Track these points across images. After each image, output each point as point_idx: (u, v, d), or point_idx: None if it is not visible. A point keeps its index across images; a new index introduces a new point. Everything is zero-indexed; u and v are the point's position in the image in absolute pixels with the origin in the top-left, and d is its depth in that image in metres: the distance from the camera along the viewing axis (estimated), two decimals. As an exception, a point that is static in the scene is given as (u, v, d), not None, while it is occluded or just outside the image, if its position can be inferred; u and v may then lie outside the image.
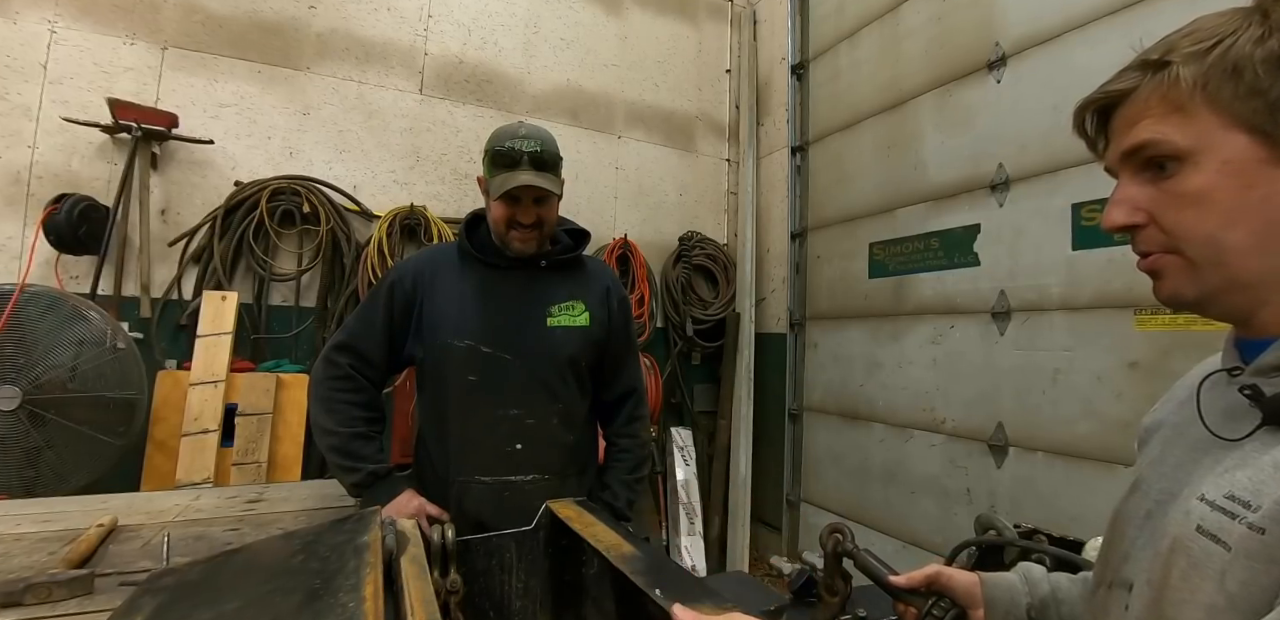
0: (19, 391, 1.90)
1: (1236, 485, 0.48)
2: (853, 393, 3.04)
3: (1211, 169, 0.50)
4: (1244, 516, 0.46)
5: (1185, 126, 0.51)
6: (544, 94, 3.40)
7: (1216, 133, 0.50)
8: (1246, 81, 0.48)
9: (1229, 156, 0.49)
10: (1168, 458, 0.60)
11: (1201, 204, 0.50)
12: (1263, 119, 0.48)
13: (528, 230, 1.44)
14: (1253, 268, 0.50)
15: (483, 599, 1.08)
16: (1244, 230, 0.49)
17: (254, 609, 0.69)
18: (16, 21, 2.34)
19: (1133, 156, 0.54)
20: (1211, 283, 0.52)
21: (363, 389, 1.45)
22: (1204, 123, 0.50)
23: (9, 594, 0.93)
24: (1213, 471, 0.52)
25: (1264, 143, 0.48)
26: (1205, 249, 0.51)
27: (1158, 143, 0.52)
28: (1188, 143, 0.51)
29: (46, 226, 2.22)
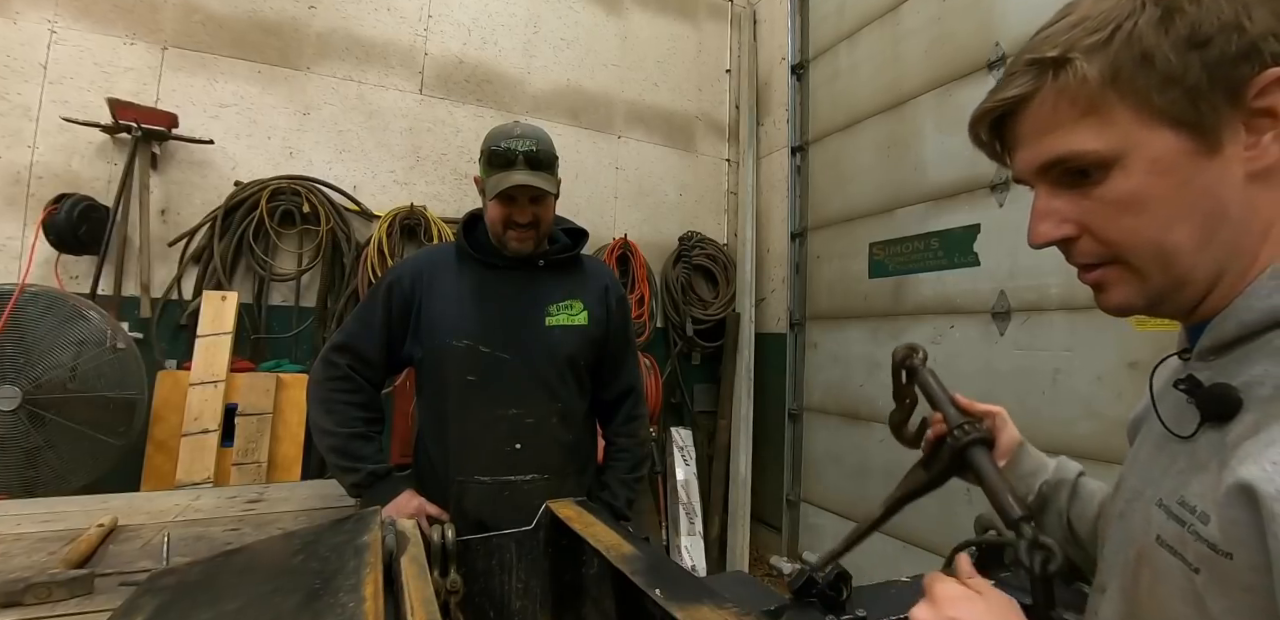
0: (19, 391, 1.90)
1: (1190, 490, 0.46)
2: (853, 393, 3.04)
3: (1141, 170, 0.46)
4: (1193, 525, 0.44)
5: (1103, 130, 0.47)
6: (544, 94, 3.40)
7: (1139, 131, 0.46)
8: (1159, 70, 0.44)
9: (1157, 155, 0.46)
10: (1140, 454, 0.58)
11: (1138, 209, 0.47)
12: (1183, 108, 0.44)
13: (524, 230, 1.44)
14: (1197, 264, 0.47)
15: (483, 599, 1.08)
16: (1185, 229, 0.46)
17: (254, 609, 0.69)
18: (16, 21, 2.34)
19: (1051, 169, 0.50)
20: (1159, 287, 0.49)
21: (361, 389, 1.46)
22: (1123, 122, 0.46)
23: (9, 594, 0.93)
24: (1168, 472, 0.50)
25: (1190, 134, 0.45)
26: (1149, 255, 0.48)
27: (1079, 155, 0.48)
28: (1111, 148, 0.47)
29: (46, 226, 2.22)
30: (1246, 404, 0.44)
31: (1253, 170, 0.45)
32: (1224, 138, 0.45)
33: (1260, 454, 0.40)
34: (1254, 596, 0.40)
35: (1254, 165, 0.44)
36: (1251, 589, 0.40)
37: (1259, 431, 0.42)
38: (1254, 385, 0.44)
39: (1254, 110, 0.44)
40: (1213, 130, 0.45)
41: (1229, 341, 0.48)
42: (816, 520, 3.23)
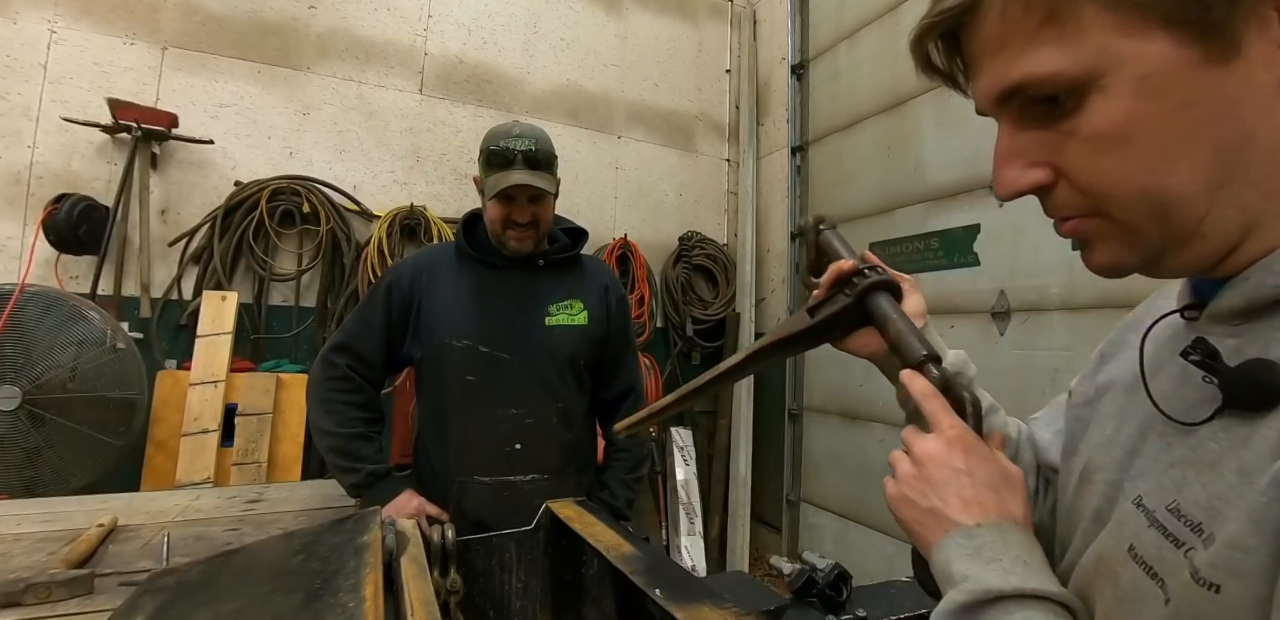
0: (19, 391, 1.90)
1: (1186, 494, 0.35)
2: (853, 393, 3.04)
3: (1126, 92, 0.34)
4: (1191, 546, 0.33)
5: (1069, 42, 0.35)
6: (544, 94, 3.40)
7: (1118, 40, 0.34)
8: None
9: (1147, 70, 0.34)
10: (1119, 437, 0.47)
11: (1123, 145, 0.35)
12: (1176, 3, 0.32)
13: (524, 229, 1.44)
14: (1210, 212, 0.35)
15: (483, 599, 1.08)
16: (1188, 168, 0.34)
17: (254, 609, 0.69)
18: (16, 21, 2.34)
19: (1011, 99, 0.39)
20: (1155, 241, 0.37)
21: (361, 389, 1.46)
22: (1096, 29, 0.34)
23: (9, 594, 0.93)
24: (1157, 463, 0.40)
25: (1192, 36, 0.33)
26: (1139, 206, 0.36)
27: (1040, 79, 0.36)
28: (1082, 65, 0.35)
29: (46, 226, 2.22)
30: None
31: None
32: (1243, 36, 0.32)
33: None
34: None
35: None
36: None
37: None
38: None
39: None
40: (1225, 27, 0.32)
41: (1270, 301, 0.35)
42: (816, 520, 3.23)
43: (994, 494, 0.45)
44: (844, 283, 0.61)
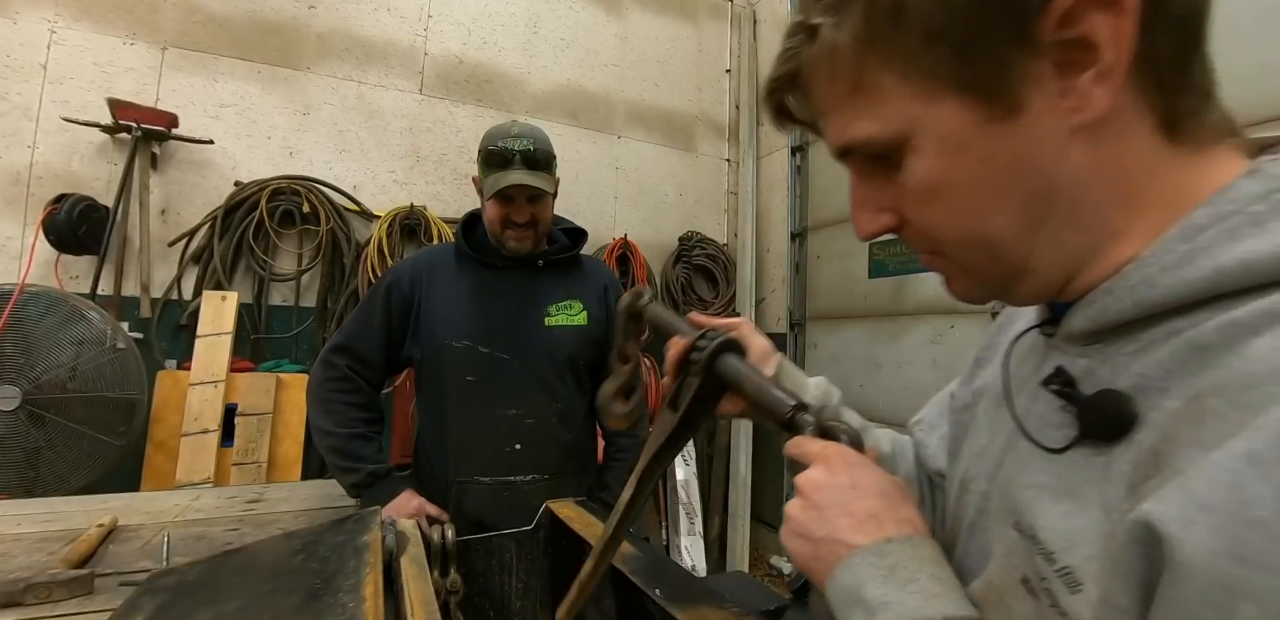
0: (19, 391, 1.90)
1: (1041, 520, 0.36)
2: (853, 393, 3.04)
3: (932, 152, 0.37)
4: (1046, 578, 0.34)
5: (877, 109, 0.38)
6: (544, 94, 3.40)
7: (915, 106, 0.37)
8: (916, 24, 0.35)
9: (944, 131, 0.36)
10: (991, 449, 0.46)
11: (939, 198, 0.38)
12: (958, 68, 0.35)
13: (523, 229, 1.44)
14: (1032, 251, 0.38)
15: (483, 599, 1.08)
16: (1002, 215, 0.37)
17: (254, 609, 0.69)
18: (16, 21, 2.34)
19: (849, 155, 0.42)
20: (994, 277, 0.40)
21: (361, 390, 1.46)
22: (895, 98, 0.37)
23: (9, 594, 0.93)
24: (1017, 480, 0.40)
25: (978, 99, 0.35)
26: (968, 249, 0.40)
27: (859, 144, 0.40)
28: (890, 130, 0.38)
29: (46, 226, 2.22)
30: (1144, 418, 0.33)
31: (1077, 124, 0.35)
32: (1024, 93, 0.35)
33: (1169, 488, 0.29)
34: None
35: (1078, 117, 0.34)
36: None
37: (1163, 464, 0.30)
38: (1152, 391, 0.33)
39: (1061, 45, 0.33)
40: (1004, 87, 0.35)
41: (1116, 324, 0.36)
42: (816, 520, 3.23)
43: (885, 501, 0.43)
44: (686, 361, 0.58)
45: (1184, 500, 0.28)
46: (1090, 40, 0.33)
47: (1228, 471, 0.27)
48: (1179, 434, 0.30)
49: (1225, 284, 0.31)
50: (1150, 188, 0.36)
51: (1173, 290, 0.33)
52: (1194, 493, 0.28)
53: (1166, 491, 0.29)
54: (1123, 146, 0.35)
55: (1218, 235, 0.32)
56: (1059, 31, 0.33)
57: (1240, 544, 0.26)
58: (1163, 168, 0.36)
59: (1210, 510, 0.27)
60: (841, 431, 0.49)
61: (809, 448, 0.48)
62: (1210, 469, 0.27)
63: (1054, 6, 0.32)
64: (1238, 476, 0.26)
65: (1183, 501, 0.28)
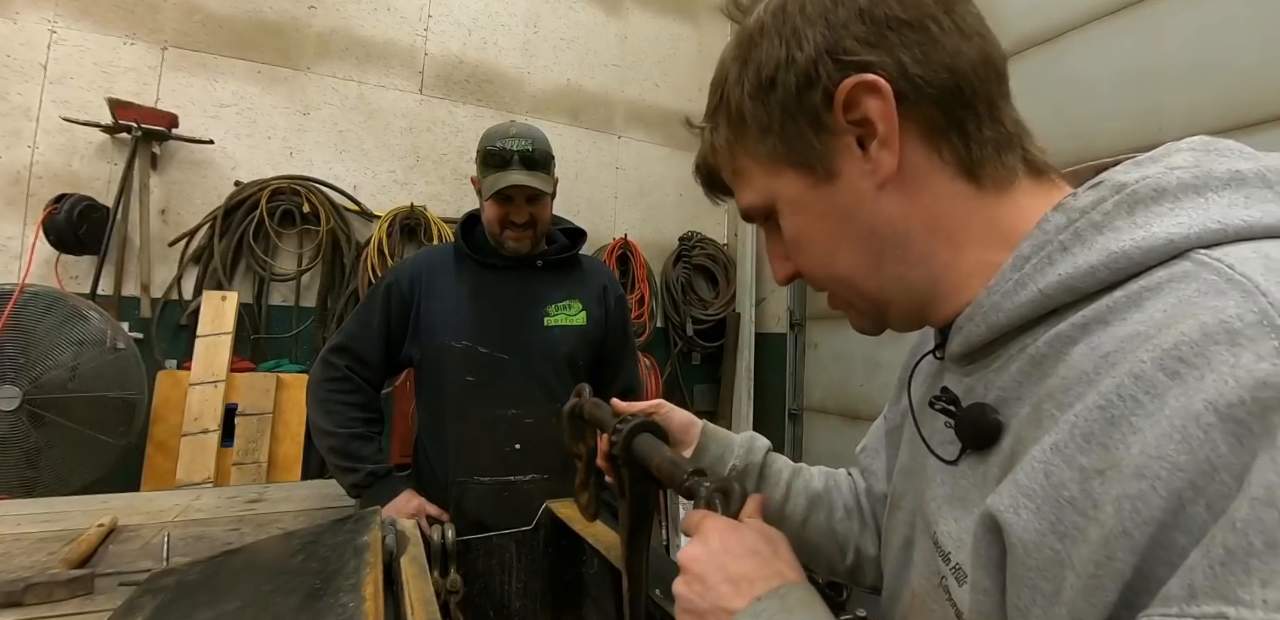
0: (19, 391, 1.90)
1: (942, 526, 0.41)
2: (853, 393, 3.04)
3: (788, 212, 0.48)
4: (945, 577, 0.38)
5: (748, 185, 0.50)
6: (544, 94, 3.40)
7: (770, 181, 0.48)
8: (752, 124, 0.46)
9: (790, 195, 0.47)
10: (913, 465, 0.52)
11: (802, 247, 0.49)
12: (785, 150, 0.46)
13: (521, 229, 1.44)
14: (881, 286, 0.47)
15: (483, 599, 1.08)
16: (847, 256, 0.46)
17: (254, 609, 0.69)
18: (16, 21, 2.34)
19: (753, 218, 0.53)
20: (866, 309, 0.50)
21: (360, 390, 1.46)
22: (756, 176, 0.49)
23: (9, 594, 0.93)
24: (924, 494, 0.45)
25: (803, 171, 0.46)
26: (834, 285, 0.49)
27: (746, 210, 0.51)
28: (760, 200, 0.49)
29: (46, 226, 2.22)
30: (1006, 426, 0.39)
31: (880, 181, 0.43)
32: (836, 162, 0.44)
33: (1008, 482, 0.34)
34: None
35: (878, 176, 0.43)
36: None
37: (1015, 460, 0.35)
38: (1010, 401, 0.39)
39: (852, 124, 0.43)
40: (820, 160, 0.45)
41: (980, 345, 0.43)
42: (816, 520, 3.23)
43: (757, 559, 0.45)
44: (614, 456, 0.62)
45: (1013, 490, 0.33)
46: (868, 118, 0.42)
47: (1041, 461, 0.32)
48: (1025, 435, 0.36)
49: (1050, 302, 0.37)
50: (966, 224, 0.43)
51: (1014, 312, 0.39)
52: (1019, 483, 0.32)
53: (1002, 485, 0.34)
54: (928, 194, 0.43)
55: (1038, 263, 0.38)
56: (846, 115, 0.43)
57: (1058, 522, 0.30)
58: (972, 207, 0.43)
59: (1031, 496, 0.32)
60: (724, 492, 0.50)
61: (687, 523, 0.51)
62: (1029, 461, 0.33)
63: (835, 101, 0.42)
64: (1048, 465, 0.31)
65: (1012, 491, 0.33)
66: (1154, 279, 0.33)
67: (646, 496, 0.63)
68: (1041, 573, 0.30)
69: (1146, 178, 0.36)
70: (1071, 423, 0.31)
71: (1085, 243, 0.36)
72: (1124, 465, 0.29)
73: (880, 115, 0.41)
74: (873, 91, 0.41)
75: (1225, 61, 1.68)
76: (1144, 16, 1.89)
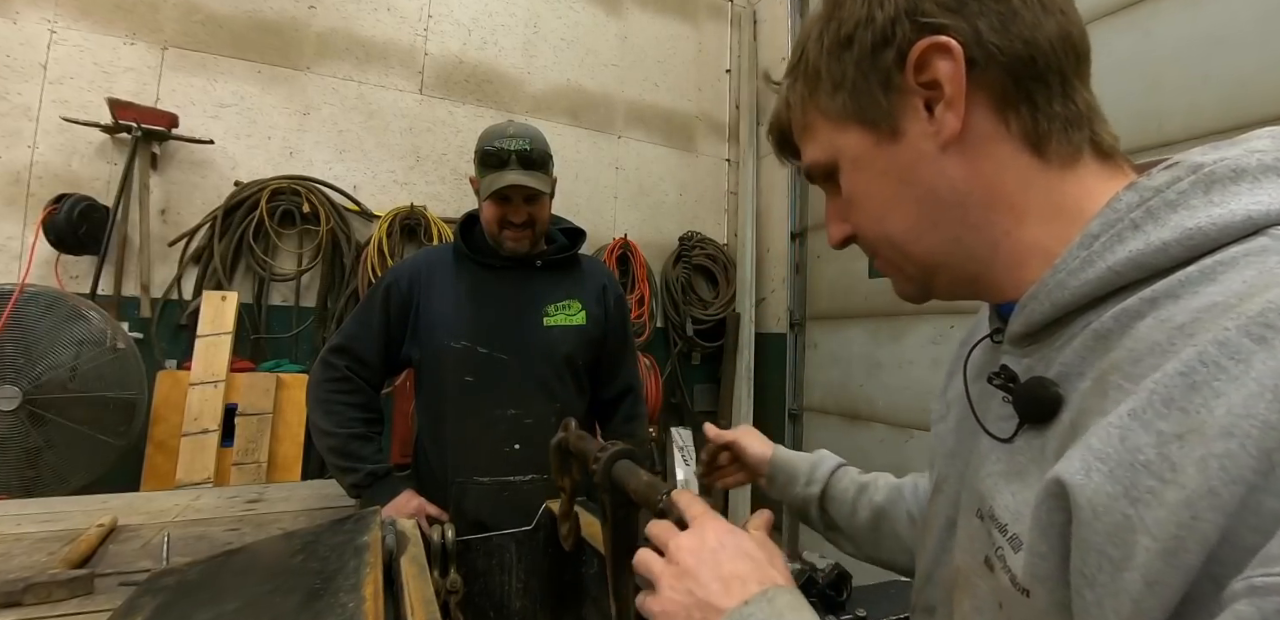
0: (19, 391, 1.90)
1: (999, 501, 0.41)
2: (853, 393, 3.04)
3: (849, 169, 0.49)
4: (1000, 547, 0.39)
5: (815, 143, 0.51)
6: (544, 94, 3.40)
7: (836, 137, 0.49)
8: (826, 80, 0.48)
9: (854, 153, 0.48)
10: (959, 450, 0.53)
11: (858, 205, 0.50)
12: (853, 107, 0.47)
13: (520, 229, 1.44)
14: (933, 248, 0.47)
15: (483, 599, 1.08)
16: (899, 216, 0.47)
17: (254, 609, 0.69)
18: (16, 21, 2.34)
19: (815, 178, 0.54)
20: (915, 273, 0.50)
21: (360, 390, 1.46)
22: (823, 133, 0.50)
23: (9, 594, 0.93)
24: (978, 474, 0.45)
25: (869, 128, 0.47)
26: (884, 246, 0.50)
27: (810, 168, 0.53)
28: (824, 156, 0.51)
29: (46, 226, 2.22)
30: (1066, 399, 0.39)
31: (942, 142, 0.44)
32: (902, 122, 0.45)
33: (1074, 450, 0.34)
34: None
35: (940, 138, 0.44)
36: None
37: (1077, 433, 0.36)
38: (1072, 376, 0.39)
39: (922, 85, 0.44)
40: (886, 118, 0.46)
41: (1043, 324, 0.42)
42: (816, 520, 3.23)
43: (751, 563, 0.45)
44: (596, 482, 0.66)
45: (1085, 455, 0.33)
46: (938, 80, 0.43)
47: (1116, 427, 0.32)
48: (1088, 407, 0.36)
49: (1118, 279, 0.37)
50: (1026, 196, 0.44)
51: (1079, 289, 0.39)
52: (1092, 447, 0.32)
53: (1071, 451, 0.34)
54: (990, 161, 0.44)
55: (1108, 240, 0.38)
56: (917, 76, 0.44)
57: (1131, 486, 0.30)
58: (1033, 179, 0.44)
59: (1105, 459, 0.31)
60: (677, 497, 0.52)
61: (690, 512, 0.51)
62: (1103, 427, 0.33)
63: (908, 61, 0.43)
64: (1124, 430, 0.31)
65: (1084, 456, 0.33)
66: (1229, 254, 0.33)
67: (629, 521, 0.65)
68: (1110, 538, 0.30)
69: (1225, 159, 0.36)
70: (1150, 390, 0.31)
71: (1158, 220, 0.36)
72: (1207, 427, 0.28)
73: (949, 77, 0.42)
74: (944, 53, 0.42)
75: (1225, 62, 1.68)
76: (1144, 16, 1.89)
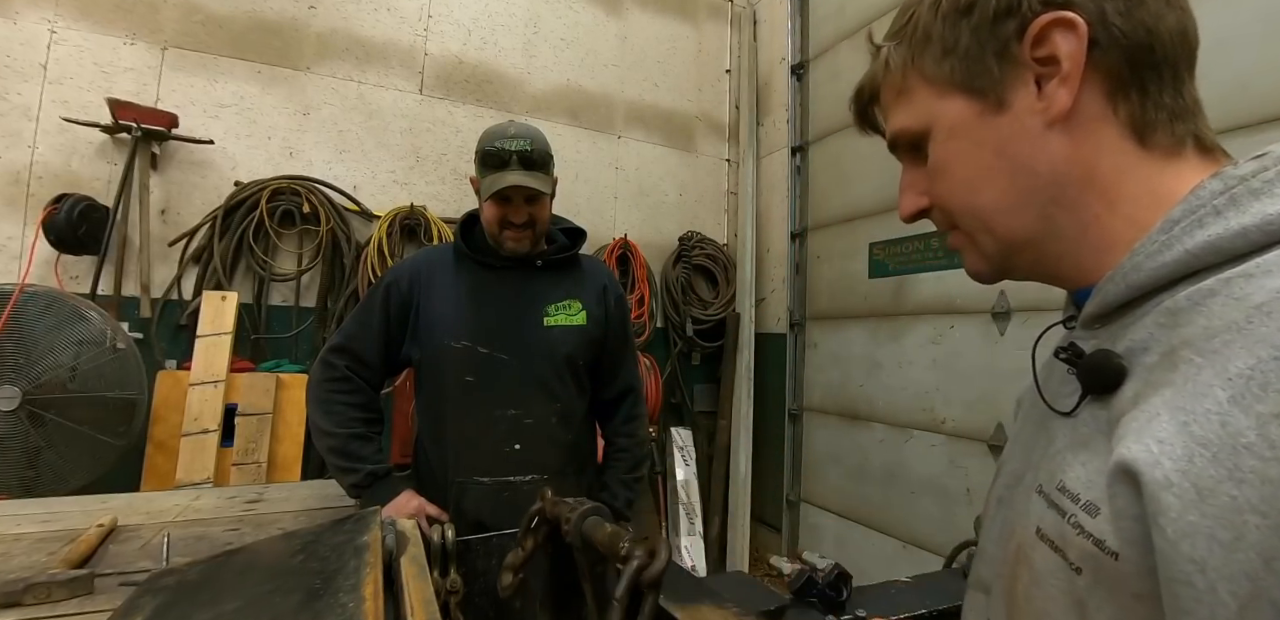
0: (19, 391, 1.90)
1: (1069, 473, 0.41)
2: (853, 393, 3.04)
3: (943, 138, 0.49)
4: (1075, 516, 0.39)
5: (910, 108, 0.51)
6: (544, 94, 3.40)
7: (936, 103, 0.48)
8: (936, 43, 0.47)
9: (952, 122, 0.48)
10: (1021, 433, 0.54)
11: (946, 174, 0.49)
12: (962, 74, 0.46)
13: (520, 230, 1.44)
14: (1020, 225, 0.47)
15: (483, 599, 1.08)
16: (992, 189, 0.47)
17: (254, 609, 0.69)
18: (16, 21, 2.34)
19: (898, 147, 0.54)
20: (993, 250, 0.49)
21: (360, 390, 1.45)
22: (922, 99, 0.49)
23: (9, 594, 0.93)
24: (1047, 452, 0.46)
25: (974, 97, 0.46)
26: (969, 218, 0.49)
27: (898, 134, 0.52)
28: (916, 122, 0.50)
29: (46, 226, 2.22)
30: (1130, 372, 0.40)
31: (1049, 119, 0.44)
32: (1010, 94, 0.45)
33: (1143, 430, 0.35)
34: (1144, 606, 0.34)
35: (1048, 114, 0.44)
36: (1141, 597, 0.35)
37: (1139, 403, 0.37)
38: (1138, 351, 0.40)
39: (1037, 60, 0.44)
40: (994, 88, 0.46)
41: (1116, 306, 0.43)
42: (816, 520, 3.23)
43: None
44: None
45: (1186, 441, 0.33)
46: (1055, 56, 0.42)
47: (1216, 413, 0.32)
48: (1155, 379, 0.37)
49: (1195, 262, 0.38)
50: (1122, 181, 0.44)
51: (1155, 271, 0.40)
52: (1194, 434, 0.32)
53: (1159, 433, 0.34)
54: (1091, 144, 0.44)
55: (1188, 225, 0.39)
56: (1033, 50, 0.43)
57: (1235, 468, 0.31)
58: (1131, 165, 0.44)
59: (1207, 445, 0.32)
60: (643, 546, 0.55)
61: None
62: (1203, 414, 0.33)
63: (1028, 32, 0.43)
64: (1224, 416, 0.32)
65: (1185, 442, 0.33)
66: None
67: (605, 577, 0.68)
68: (1219, 520, 0.30)
69: None
70: (1247, 376, 0.32)
71: (1240, 207, 0.37)
72: None
73: (1068, 54, 0.42)
74: (1068, 30, 0.42)
75: (1225, 61, 1.68)
76: (1144, 16, 1.89)
